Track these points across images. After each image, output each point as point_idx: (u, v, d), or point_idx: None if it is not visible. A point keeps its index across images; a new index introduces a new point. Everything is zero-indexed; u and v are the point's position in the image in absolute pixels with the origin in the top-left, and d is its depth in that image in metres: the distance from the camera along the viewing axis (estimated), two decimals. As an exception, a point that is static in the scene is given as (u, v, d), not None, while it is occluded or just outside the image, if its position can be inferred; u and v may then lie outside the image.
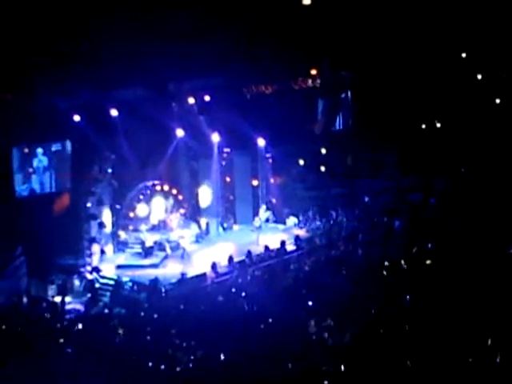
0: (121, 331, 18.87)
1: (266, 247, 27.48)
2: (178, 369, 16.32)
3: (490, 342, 15.51)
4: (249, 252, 26.77)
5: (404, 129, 32.57)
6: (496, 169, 30.28)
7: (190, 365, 16.58)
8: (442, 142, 32.43)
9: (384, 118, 31.93)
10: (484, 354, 15.10)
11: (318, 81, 32.74)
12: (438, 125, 33.67)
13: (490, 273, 20.18)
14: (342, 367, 15.14)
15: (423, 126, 33.80)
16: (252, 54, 29.13)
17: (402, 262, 23.23)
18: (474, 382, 14.11)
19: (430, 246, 24.96)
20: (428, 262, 23.31)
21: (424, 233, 26.58)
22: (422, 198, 30.99)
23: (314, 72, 32.35)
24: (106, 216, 28.27)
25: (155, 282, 24.46)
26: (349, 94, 34.10)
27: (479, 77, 32.32)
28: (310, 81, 32.67)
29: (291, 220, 31.33)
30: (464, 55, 32.51)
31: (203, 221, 30.32)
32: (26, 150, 26.71)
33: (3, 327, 19.68)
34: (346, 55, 31.11)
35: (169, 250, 27.82)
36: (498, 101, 32.24)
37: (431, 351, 15.13)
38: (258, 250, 27.50)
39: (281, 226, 31.13)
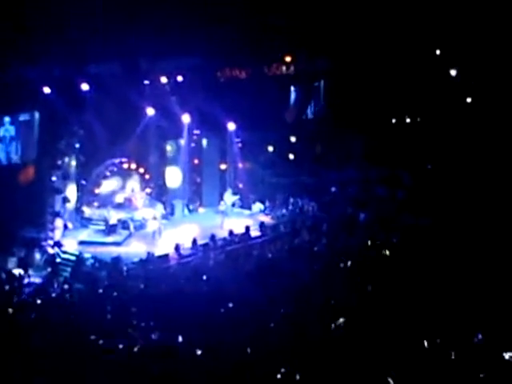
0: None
1: (231, 232, 27.47)
2: (135, 349, 16.20)
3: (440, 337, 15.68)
4: (213, 235, 26.74)
5: (374, 122, 32.68)
6: (463, 167, 30.52)
7: (147, 345, 16.49)
8: (410, 138, 32.61)
9: (355, 110, 31.98)
10: (438, 344, 15.27)
11: (292, 68, 32.66)
12: (408, 120, 33.82)
13: (451, 268, 20.40)
14: (297, 356, 15.15)
15: (393, 121, 33.94)
16: (227, 37, 28.97)
17: (365, 253, 23.42)
18: (432, 371, 14.24)
19: (393, 239, 25.10)
20: (387, 253, 23.53)
21: (388, 226, 26.77)
22: (389, 192, 31.17)
23: (288, 59, 32.27)
24: (71, 191, 28.07)
25: (117, 260, 24.34)
26: (322, 83, 34.08)
27: (453, 73, 32.46)
28: (284, 68, 32.57)
29: (257, 206, 31.35)
30: (438, 52, 32.63)
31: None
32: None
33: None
34: (322, 44, 31.07)
35: (132, 229, 27.68)
36: (469, 100, 32.42)
37: (389, 341, 15.23)
38: (222, 233, 27.49)
39: (246, 212, 31.14)
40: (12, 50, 25.19)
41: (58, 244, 26.00)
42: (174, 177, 31.00)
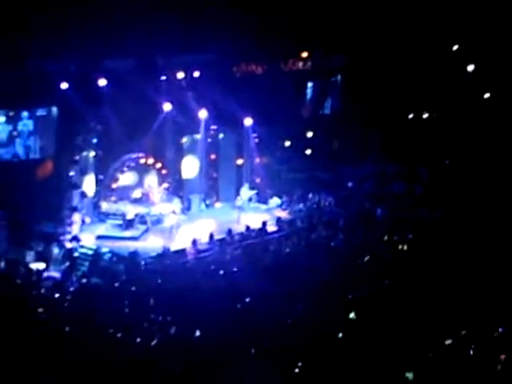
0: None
1: (247, 227, 27.48)
2: (152, 343, 16.28)
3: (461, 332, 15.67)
4: (229, 230, 26.77)
5: (391, 117, 32.61)
6: (481, 162, 30.41)
7: (164, 339, 16.57)
8: (427, 133, 32.52)
9: (372, 105, 31.93)
10: (457, 339, 15.27)
11: (309, 63, 32.64)
12: (425, 115, 33.72)
13: (468, 263, 20.36)
14: (315, 351, 15.19)
15: (410, 116, 33.85)
16: (244, 32, 29.00)
17: (382, 248, 23.43)
18: (448, 366, 14.23)
19: (410, 235, 25.07)
20: (405, 248, 23.51)
21: (405, 222, 26.74)
22: (406, 187, 31.10)
23: (305, 54, 32.26)
24: (89, 186, 28.15)
25: (134, 254, 24.42)
26: (339, 78, 34.03)
27: (470, 69, 32.34)
28: (300, 63, 32.56)
29: (274, 201, 31.32)
30: (455, 48, 32.52)
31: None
32: (11, 113, 26.51)
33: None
34: (339, 39, 31.04)
35: (150, 224, 27.77)
36: (486, 95, 32.30)
37: (406, 336, 15.23)
38: (239, 228, 27.51)
39: (263, 207, 31.13)
40: (30, 45, 25.32)
41: (75, 238, 26.09)
42: (190, 172, 30.98)
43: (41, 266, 23.82)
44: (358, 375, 13.88)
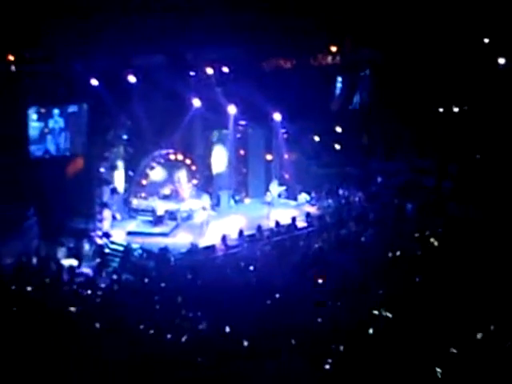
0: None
1: (277, 222, 27.47)
2: (183, 339, 16.34)
3: (492, 327, 15.53)
4: (259, 226, 26.78)
5: (421, 111, 32.38)
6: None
7: (195, 335, 16.63)
8: (458, 127, 32.25)
9: (402, 99, 31.73)
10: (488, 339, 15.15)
11: (338, 58, 32.51)
12: (456, 109, 33.44)
13: (498, 260, 20.17)
14: (345, 347, 15.15)
15: (441, 110, 33.59)
16: (273, 28, 28.94)
17: (412, 244, 23.30)
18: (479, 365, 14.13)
19: (440, 230, 24.89)
20: (435, 243, 23.35)
21: (435, 217, 26.56)
22: (436, 183, 30.87)
23: (334, 49, 32.13)
24: (119, 182, 28.33)
25: (165, 250, 24.53)
26: (368, 72, 33.85)
27: (501, 62, 32.01)
28: (329, 57, 32.44)
29: (303, 197, 31.26)
30: (486, 40, 32.20)
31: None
32: (43, 110, 26.75)
33: (13, 287, 19.79)
34: (368, 33, 30.87)
35: (179, 220, 27.88)
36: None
37: (439, 334, 15.13)
38: (268, 224, 27.51)
39: (292, 202, 31.10)
40: (61, 43, 25.51)
41: (106, 235, 26.30)
42: (219, 168, 31.05)
43: (73, 262, 24.01)
44: (389, 371, 13.82)
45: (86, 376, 13.29)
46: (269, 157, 31.90)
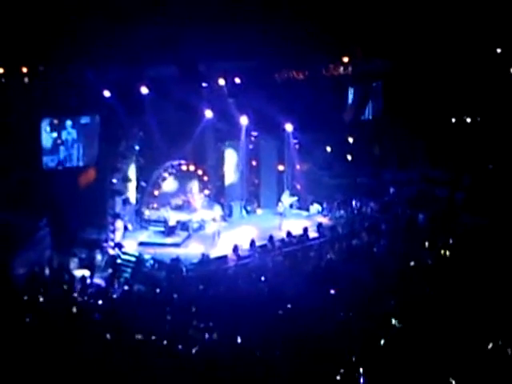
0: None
1: (289, 233, 27.44)
2: (193, 350, 16.34)
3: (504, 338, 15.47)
4: (271, 237, 26.76)
5: (433, 122, 32.35)
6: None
7: (206, 346, 16.62)
8: (470, 138, 32.19)
9: (414, 110, 31.73)
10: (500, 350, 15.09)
11: (350, 69, 32.55)
12: (468, 120, 33.39)
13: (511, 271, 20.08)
14: (357, 358, 15.11)
15: (453, 120, 33.55)
16: (285, 39, 29.01)
17: (424, 255, 23.23)
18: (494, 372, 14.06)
19: (452, 241, 24.81)
20: (447, 254, 23.26)
21: (447, 228, 26.48)
22: (449, 193, 30.78)
23: (346, 59, 32.19)
24: (131, 193, 28.42)
25: (176, 261, 24.54)
26: (379, 83, 33.87)
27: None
28: (341, 68, 32.49)
29: (315, 207, 31.27)
30: (499, 50, 32.16)
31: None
32: (56, 122, 26.92)
33: (25, 298, 19.86)
34: (380, 44, 30.92)
35: (191, 230, 27.92)
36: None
37: (450, 345, 15.07)
38: (280, 235, 27.50)
39: (304, 213, 31.09)
40: (73, 55, 25.67)
41: (118, 245, 26.35)
42: (231, 178, 31.11)
43: (85, 272, 24.07)
44: (401, 382, 13.78)
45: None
46: (281, 167, 31.95)
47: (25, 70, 25.94)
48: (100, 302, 20.37)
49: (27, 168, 25.70)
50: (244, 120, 30.04)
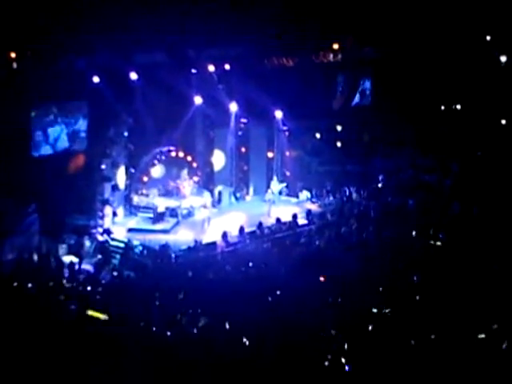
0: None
1: (278, 219, 27.49)
2: (183, 336, 16.36)
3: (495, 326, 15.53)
4: (260, 223, 26.80)
5: (423, 109, 32.39)
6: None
7: (195, 332, 16.65)
8: (460, 125, 32.26)
9: (403, 97, 31.75)
10: (488, 337, 15.15)
11: (340, 56, 32.50)
12: (458, 107, 33.45)
13: (500, 258, 20.18)
14: (344, 344, 15.15)
15: (442, 108, 33.60)
16: (274, 25, 28.93)
17: (412, 242, 23.32)
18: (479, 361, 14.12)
19: (441, 228, 24.89)
20: (436, 242, 23.38)
21: (436, 214, 26.57)
22: (437, 179, 30.88)
23: (336, 47, 32.13)
24: (120, 179, 28.35)
25: (165, 247, 24.54)
26: (369, 70, 33.86)
27: (503, 59, 31.99)
28: (331, 55, 32.43)
29: (304, 194, 31.33)
30: (488, 38, 32.18)
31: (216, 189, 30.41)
32: (44, 107, 26.74)
33: (14, 284, 19.81)
34: (370, 31, 30.86)
35: (180, 217, 27.91)
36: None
37: (438, 332, 15.14)
38: (269, 221, 27.54)
39: (293, 200, 31.15)
40: (61, 40, 25.49)
41: (107, 231, 26.31)
42: (220, 165, 31.09)
43: (74, 259, 24.03)
44: (389, 368, 13.83)
45: (86, 373, 13.30)
46: (270, 154, 31.95)
47: (13, 55, 25.75)
48: (89, 288, 20.38)
49: (15, 153, 25.55)
50: (233, 106, 30.00)
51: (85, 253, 25.30)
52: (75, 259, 24.00)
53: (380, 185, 31.42)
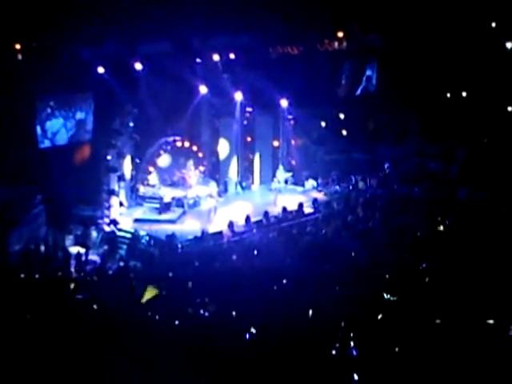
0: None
1: (284, 208, 27.47)
2: (190, 325, 16.38)
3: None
4: (266, 213, 26.79)
5: (429, 96, 32.28)
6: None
7: (202, 321, 16.68)
8: (466, 112, 32.14)
9: (409, 85, 31.65)
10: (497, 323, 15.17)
11: (345, 44, 32.40)
12: (464, 94, 33.33)
13: (506, 244, 20.13)
14: (352, 332, 15.16)
15: (448, 95, 33.49)
16: (279, 14, 28.86)
17: (419, 229, 23.28)
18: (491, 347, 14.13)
19: (447, 215, 24.86)
20: (442, 228, 23.34)
21: (442, 201, 26.53)
22: (443, 167, 30.80)
23: (340, 34, 32.03)
24: (126, 169, 28.37)
25: (172, 237, 24.57)
26: (374, 57, 33.75)
27: (509, 46, 31.85)
28: (336, 43, 32.33)
29: (310, 183, 31.30)
30: (494, 24, 32.04)
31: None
32: (50, 98, 26.75)
33: (21, 275, 19.86)
34: (375, 19, 30.76)
35: (186, 207, 27.92)
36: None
37: (446, 318, 15.13)
38: (275, 210, 27.53)
39: (299, 188, 31.13)
40: (66, 31, 25.49)
41: (113, 222, 26.36)
42: (226, 154, 31.06)
43: (80, 249, 24.08)
44: (396, 356, 13.83)
45: (90, 362, 13.34)
46: (276, 143, 31.91)
47: (18, 46, 25.75)
48: (95, 278, 20.43)
49: (21, 144, 25.60)
50: (239, 96, 29.95)
51: (91, 243, 25.36)
52: (82, 250, 24.03)
53: (386, 173, 31.33)
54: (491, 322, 14.90)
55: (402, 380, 12.94)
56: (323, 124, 32.58)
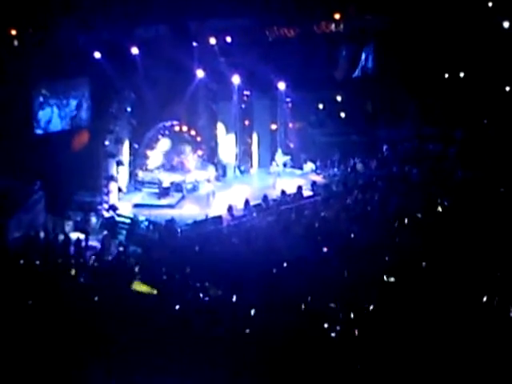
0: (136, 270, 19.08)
1: (283, 192, 27.46)
2: (190, 309, 16.45)
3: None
4: (265, 196, 26.78)
5: (426, 78, 32.22)
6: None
7: (202, 305, 16.76)
8: (464, 93, 32.10)
9: (407, 66, 31.60)
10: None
11: (342, 26, 32.29)
12: (462, 74, 33.26)
13: (504, 224, 20.20)
14: (353, 314, 15.24)
15: (446, 76, 33.42)
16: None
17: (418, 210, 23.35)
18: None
19: (446, 195, 24.91)
20: (442, 209, 23.40)
21: (441, 182, 26.58)
22: (442, 148, 30.79)
23: (337, 16, 31.92)
24: (124, 154, 28.32)
25: (171, 222, 24.57)
26: (372, 39, 33.64)
27: (506, 25, 31.77)
28: (333, 25, 32.22)
29: (308, 166, 31.24)
30: (490, 4, 31.96)
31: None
32: (47, 84, 26.69)
33: (21, 261, 19.92)
34: (372, 0, 30.70)
35: (185, 192, 27.91)
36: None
37: (444, 300, 15.20)
38: (274, 194, 27.53)
39: (298, 172, 31.08)
40: (63, 16, 25.42)
41: (113, 207, 26.34)
42: (224, 138, 31.01)
43: (81, 235, 24.08)
44: (394, 337, 13.91)
45: (90, 349, 13.42)
46: (273, 126, 31.83)
47: (14, 32, 25.67)
48: (96, 263, 20.48)
49: (20, 131, 25.56)
50: (236, 79, 29.83)
51: (91, 229, 25.32)
52: (82, 236, 24.03)
53: (384, 155, 31.31)
54: (486, 298, 14.99)
55: (402, 361, 13.03)
56: (321, 107, 32.51)
